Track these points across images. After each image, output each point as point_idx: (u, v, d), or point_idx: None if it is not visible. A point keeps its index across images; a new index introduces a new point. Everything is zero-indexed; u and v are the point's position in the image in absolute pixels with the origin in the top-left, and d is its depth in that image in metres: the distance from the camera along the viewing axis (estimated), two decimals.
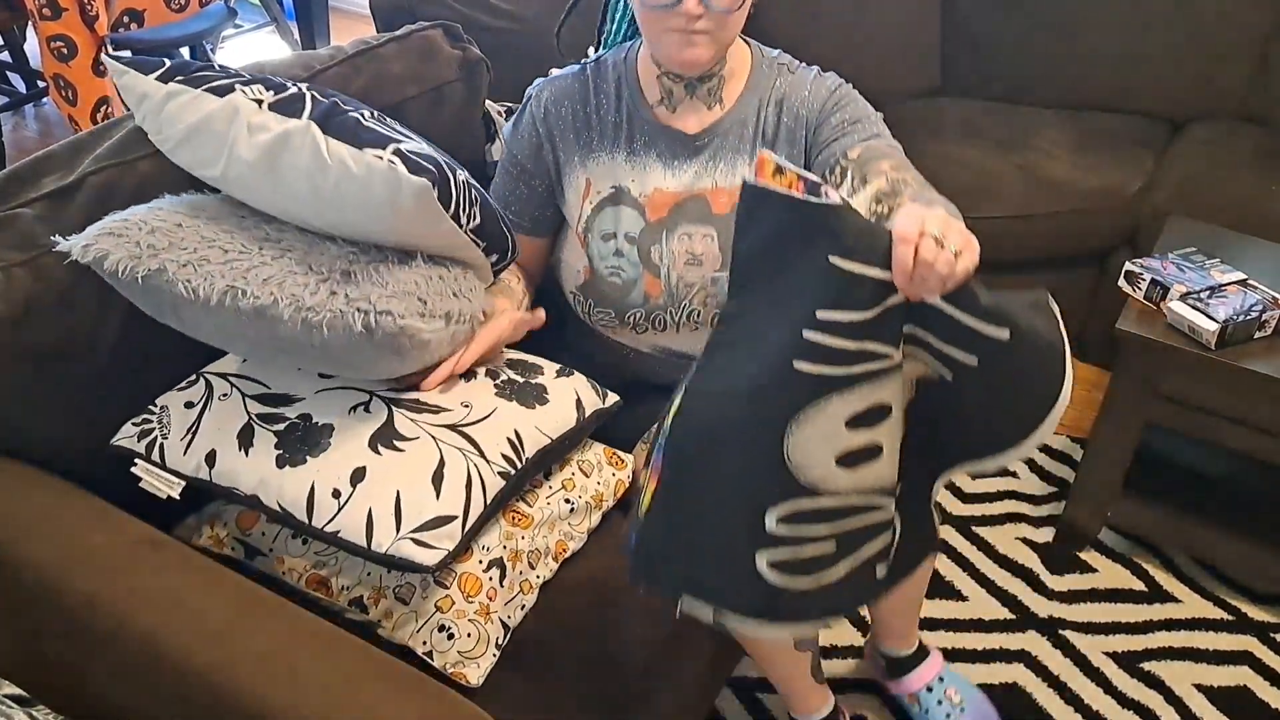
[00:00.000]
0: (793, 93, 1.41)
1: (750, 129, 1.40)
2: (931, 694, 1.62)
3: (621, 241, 1.41)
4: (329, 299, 1.09)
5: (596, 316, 1.45)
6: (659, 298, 1.41)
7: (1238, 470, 2.05)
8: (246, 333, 1.11)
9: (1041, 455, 2.30)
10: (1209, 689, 1.79)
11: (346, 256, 1.16)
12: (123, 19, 2.83)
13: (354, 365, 1.15)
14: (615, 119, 1.42)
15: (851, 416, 1.10)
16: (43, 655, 1.10)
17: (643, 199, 1.40)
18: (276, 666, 0.98)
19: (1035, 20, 2.70)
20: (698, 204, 1.40)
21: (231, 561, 1.24)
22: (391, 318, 1.09)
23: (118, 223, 1.12)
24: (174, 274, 1.09)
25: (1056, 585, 1.97)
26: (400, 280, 1.14)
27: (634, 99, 1.41)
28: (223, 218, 1.18)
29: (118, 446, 1.20)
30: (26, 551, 1.08)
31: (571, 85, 1.44)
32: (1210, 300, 1.73)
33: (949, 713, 1.62)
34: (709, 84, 1.39)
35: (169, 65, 1.17)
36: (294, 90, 1.16)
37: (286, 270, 1.11)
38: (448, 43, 1.61)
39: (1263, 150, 2.50)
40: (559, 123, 1.43)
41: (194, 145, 1.17)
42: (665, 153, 1.40)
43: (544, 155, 1.45)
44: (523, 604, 1.24)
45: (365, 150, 1.09)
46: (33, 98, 3.60)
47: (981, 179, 2.37)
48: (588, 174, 1.42)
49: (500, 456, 1.19)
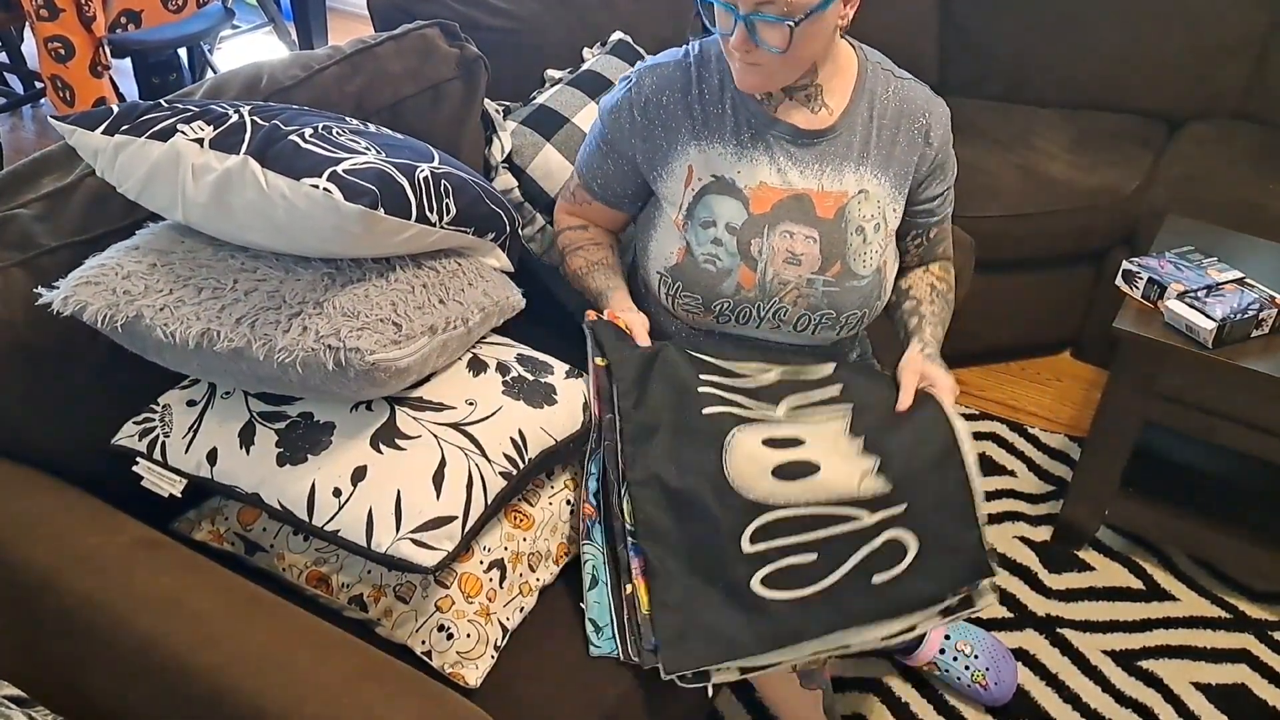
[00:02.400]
0: (908, 109, 1.42)
1: (858, 138, 1.40)
2: (945, 655, 1.71)
3: (721, 230, 1.39)
4: (300, 336, 1.08)
5: (681, 301, 1.43)
6: (750, 290, 1.40)
7: (1235, 469, 2.06)
8: (229, 369, 1.12)
9: (1039, 454, 2.30)
10: (1207, 687, 1.80)
11: (322, 282, 1.13)
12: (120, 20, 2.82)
13: (337, 395, 1.14)
14: (720, 109, 1.40)
15: (765, 439, 1.30)
16: (41, 656, 1.10)
17: (747, 191, 1.39)
18: (275, 666, 0.98)
19: (1033, 19, 2.71)
20: (802, 204, 1.39)
21: (231, 557, 1.24)
22: (360, 354, 1.07)
23: (93, 270, 1.13)
24: (151, 320, 1.10)
25: (1054, 584, 1.98)
26: (375, 305, 1.12)
27: (741, 93, 1.40)
28: (198, 249, 1.17)
29: (119, 445, 1.20)
30: (25, 552, 1.08)
31: (674, 73, 1.42)
32: (1207, 299, 1.73)
33: (968, 665, 1.70)
34: (806, 90, 1.38)
35: (114, 115, 1.15)
36: (234, 119, 1.13)
37: (259, 307, 1.10)
38: (445, 41, 1.61)
39: (1260, 149, 2.50)
40: (660, 112, 1.42)
41: (152, 192, 1.15)
42: (774, 147, 1.39)
43: (635, 142, 1.44)
44: (522, 606, 1.24)
45: (302, 181, 1.06)
46: (30, 99, 3.60)
47: (979, 178, 2.37)
48: (690, 161, 1.41)
49: (502, 456, 1.19)
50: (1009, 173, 2.42)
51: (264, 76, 1.41)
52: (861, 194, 1.40)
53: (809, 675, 1.40)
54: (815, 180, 1.39)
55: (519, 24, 1.87)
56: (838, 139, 1.40)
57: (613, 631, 1.24)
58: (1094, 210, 2.37)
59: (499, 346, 1.33)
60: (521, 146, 1.73)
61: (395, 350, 1.10)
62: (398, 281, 1.16)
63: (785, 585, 1.23)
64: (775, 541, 1.25)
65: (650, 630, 1.21)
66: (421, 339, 1.14)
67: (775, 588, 1.23)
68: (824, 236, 1.38)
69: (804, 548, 1.25)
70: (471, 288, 1.23)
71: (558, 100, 1.78)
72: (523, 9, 1.88)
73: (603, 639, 1.24)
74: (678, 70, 1.42)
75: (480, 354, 1.30)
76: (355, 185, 1.07)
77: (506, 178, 1.72)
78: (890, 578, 1.25)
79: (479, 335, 1.28)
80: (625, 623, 1.23)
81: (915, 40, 2.77)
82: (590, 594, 1.26)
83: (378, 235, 1.10)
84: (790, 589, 1.23)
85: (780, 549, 1.25)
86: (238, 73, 1.42)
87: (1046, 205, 2.36)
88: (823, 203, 1.39)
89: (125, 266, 1.14)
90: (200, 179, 1.10)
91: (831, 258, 1.39)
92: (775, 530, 1.25)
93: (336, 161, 1.09)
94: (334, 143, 1.14)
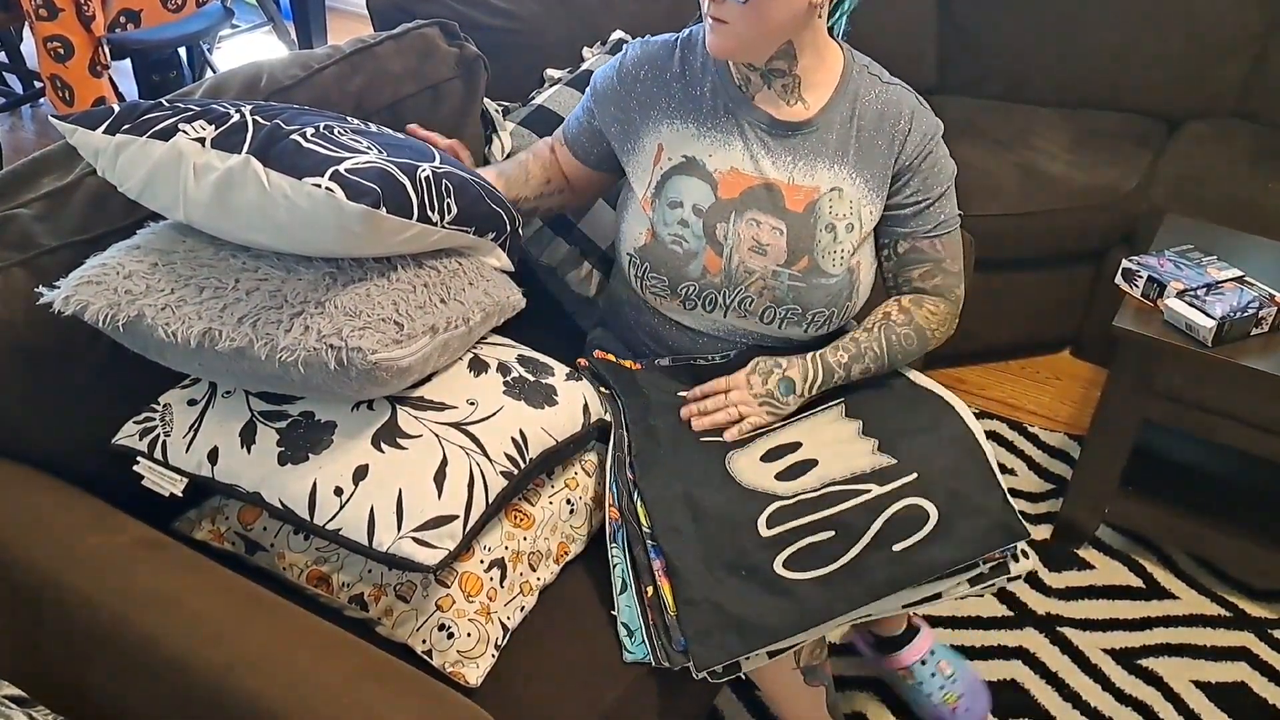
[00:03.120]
0: (891, 112, 1.41)
1: (835, 135, 1.40)
2: (925, 666, 1.64)
3: (688, 212, 1.40)
4: (302, 336, 1.07)
5: (649, 283, 1.44)
6: (716, 276, 1.40)
7: (1235, 467, 2.06)
8: (231, 369, 1.12)
9: (1039, 453, 2.31)
10: (1207, 685, 1.80)
11: (324, 281, 1.13)
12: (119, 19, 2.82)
13: (339, 394, 1.14)
14: (700, 90, 1.42)
15: (762, 455, 1.33)
16: (41, 656, 1.10)
17: (717, 175, 1.39)
18: (275, 666, 0.98)
19: (1032, 19, 2.71)
20: (772, 194, 1.39)
21: (232, 556, 1.24)
22: (362, 354, 1.07)
23: (95, 269, 1.13)
24: (152, 319, 1.10)
25: (1054, 582, 1.98)
26: (376, 304, 1.11)
27: (722, 76, 1.41)
28: (199, 248, 1.17)
29: (119, 445, 1.20)
30: (25, 552, 1.08)
31: (658, 51, 1.44)
32: (1207, 297, 1.73)
33: (942, 685, 1.64)
34: (783, 80, 1.38)
35: (115, 114, 1.15)
36: (236, 119, 1.13)
37: (261, 306, 1.10)
38: (444, 40, 1.61)
39: (1258, 147, 2.51)
40: (636, 85, 1.43)
41: (153, 192, 1.15)
42: (749, 133, 1.40)
43: (611, 110, 1.45)
44: (522, 605, 1.24)
45: (304, 180, 1.06)
46: (30, 98, 3.60)
47: (979, 177, 2.37)
48: (661, 139, 1.42)
49: (503, 456, 1.19)
50: (1008, 172, 2.42)
51: (263, 76, 1.41)
52: (834, 191, 1.39)
53: (812, 672, 1.40)
54: (786, 173, 1.40)
55: (518, 23, 1.87)
56: (813, 134, 1.40)
57: (643, 636, 1.24)
58: (1093, 209, 2.37)
59: (500, 347, 1.33)
60: (520, 147, 1.73)
61: (397, 350, 1.10)
62: (399, 281, 1.15)
63: (807, 566, 1.23)
64: (791, 523, 1.24)
65: (678, 630, 1.21)
66: (423, 338, 1.14)
67: (798, 569, 1.22)
68: (791, 229, 1.38)
69: (820, 526, 1.24)
70: (473, 287, 1.23)
71: (556, 101, 1.78)
72: (522, 8, 1.88)
73: (635, 644, 1.24)
74: (663, 49, 1.44)
75: (481, 354, 1.30)
76: (358, 185, 1.06)
77: None
78: (911, 544, 1.24)
79: (480, 335, 1.28)
80: (653, 626, 1.23)
81: (915, 40, 2.77)
82: (621, 598, 1.27)
83: (380, 235, 1.10)
84: (812, 569, 1.23)
85: (796, 530, 1.24)
86: (237, 72, 1.42)
87: (1046, 204, 2.36)
88: (793, 196, 1.39)
89: (126, 266, 1.13)
90: (202, 178, 1.10)
91: (799, 252, 1.39)
92: (789, 513, 1.25)
93: (339, 160, 1.09)
94: (336, 142, 1.14)
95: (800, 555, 1.23)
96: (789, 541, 1.24)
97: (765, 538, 1.24)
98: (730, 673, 1.22)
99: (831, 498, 1.26)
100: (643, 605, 1.25)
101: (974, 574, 1.29)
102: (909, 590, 1.26)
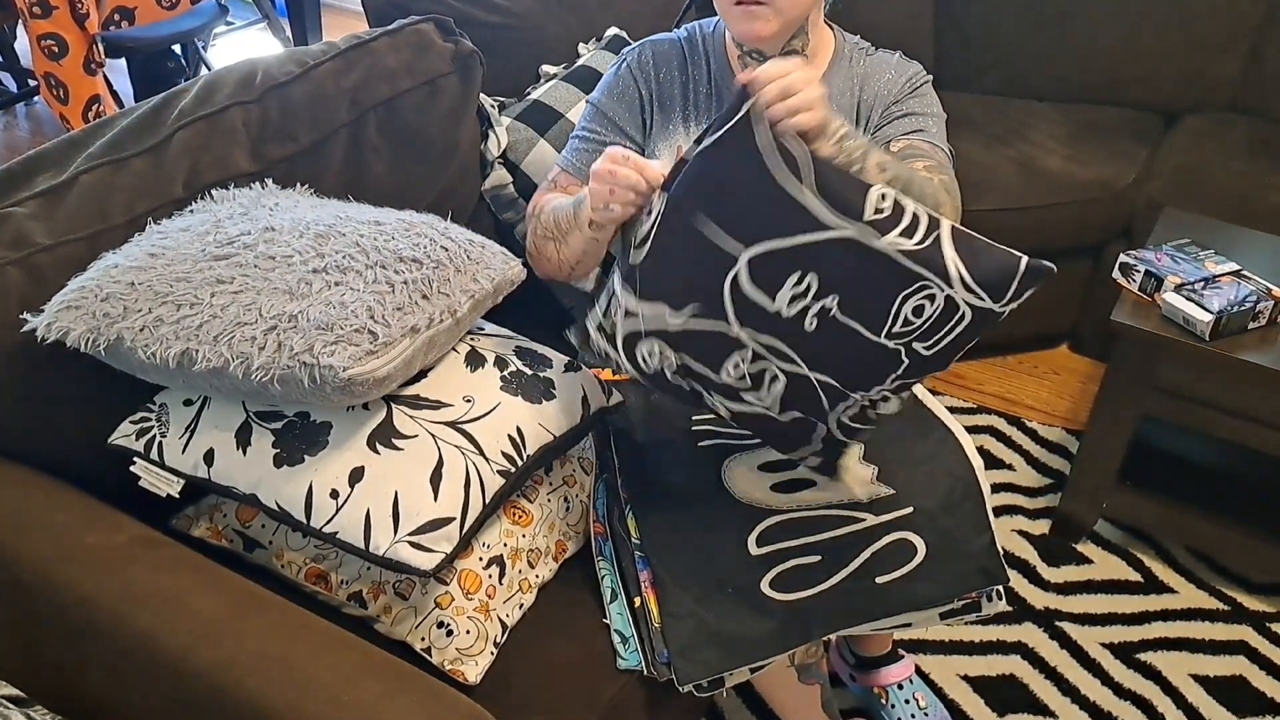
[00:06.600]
0: (874, 74, 1.42)
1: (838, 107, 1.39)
2: (902, 692, 1.64)
3: None
4: (276, 354, 1.06)
5: None
6: None
7: (1233, 461, 2.06)
8: (212, 384, 1.12)
9: (1037, 447, 2.31)
10: (1205, 679, 1.80)
11: (300, 289, 1.11)
12: (113, 17, 2.82)
13: (320, 406, 1.14)
14: (708, 90, 1.42)
15: (761, 464, 1.31)
16: (40, 655, 1.10)
17: None
18: (274, 664, 0.98)
19: (1028, 13, 2.70)
20: None
21: (230, 553, 1.23)
22: (334, 371, 1.05)
23: (74, 293, 1.13)
24: (131, 341, 1.10)
25: (1053, 577, 1.98)
26: (351, 313, 1.09)
27: (722, 73, 1.41)
28: (176, 263, 1.15)
29: (116, 445, 1.20)
30: (23, 551, 1.08)
31: (670, 51, 1.43)
32: (1204, 291, 1.73)
33: (914, 714, 1.63)
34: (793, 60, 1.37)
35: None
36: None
37: (235, 322, 1.09)
38: (440, 36, 1.61)
39: (1255, 141, 2.50)
40: (660, 86, 1.42)
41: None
42: None
43: (639, 113, 1.44)
44: (521, 603, 1.24)
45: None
46: (24, 96, 3.59)
47: (975, 172, 2.37)
48: (680, 142, 1.42)
49: (500, 454, 1.18)
50: (1005, 166, 2.42)
51: (259, 73, 1.41)
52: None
53: (807, 670, 1.40)
54: None
55: (514, 19, 1.86)
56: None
57: (636, 644, 1.24)
58: (1090, 203, 2.37)
59: (498, 338, 1.33)
60: (515, 143, 1.73)
61: (372, 361, 1.07)
62: (376, 282, 1.13)
63: (792, 587, 1.24)
64: (781, 544, 1.25)
65: (662, 642, 1.21)
66: (402, 343, 1.11)
67: (783, 590, 1.24)
68: None
69: (809, 549, 1.25)
70: (460, 274, 1.19)
71: (552, 96, 1.78)
72: (518, 4, 1.87)
73: (629, 651, 1.24)
74: (673, 49, 1.43)
75: (478, 347, 1.29)
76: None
77: (501, 173, 1.72)
78: (894, 578, 1.25)
79: (471, 323, 1.25)
80: (642, 636, 1.24)
81: (911, 35, 2.76)
82: (611, 607, 1.27)
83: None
84: (796, 590, 1.24)
85: (785, 550, 1.25)
86: (232, 70, 1.41)
87: (1043, 199, 2.36)
88: None
89: (104, 288, 1.13)
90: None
91: None
92: (781, 532, 1.25)
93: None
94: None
95: (787, 576, 1.24)
96: (777, 561, 1.25)
97: (755, 556, 1.24)
98: (715, 686, 1.23)
99: (823, 522, 1.26)
100: (632, 614, 1.25)
101: (947, 609, 1.33)
102: (884, 620, 1.29)
